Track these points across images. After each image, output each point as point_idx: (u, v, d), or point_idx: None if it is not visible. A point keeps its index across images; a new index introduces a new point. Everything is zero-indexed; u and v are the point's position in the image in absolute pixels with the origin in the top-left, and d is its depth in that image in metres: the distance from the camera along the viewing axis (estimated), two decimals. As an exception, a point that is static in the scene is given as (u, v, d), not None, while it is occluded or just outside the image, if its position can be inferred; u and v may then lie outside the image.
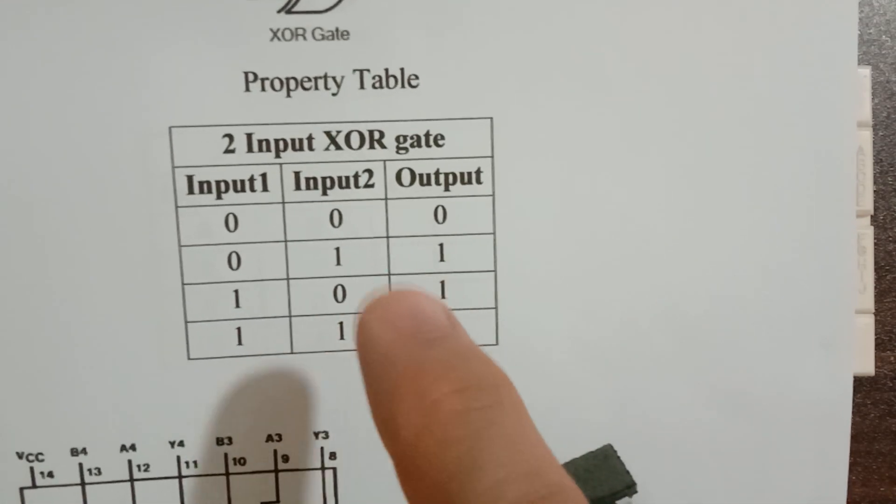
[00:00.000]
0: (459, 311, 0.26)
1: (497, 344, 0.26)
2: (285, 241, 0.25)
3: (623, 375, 0.27)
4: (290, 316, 0.26)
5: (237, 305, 0.26)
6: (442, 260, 0.26)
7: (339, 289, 0.26)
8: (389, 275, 0.26)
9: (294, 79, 0.25)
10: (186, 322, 0.25)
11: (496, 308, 0.26)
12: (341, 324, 0.26)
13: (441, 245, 0.26)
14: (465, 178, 0.25)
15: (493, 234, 0.26)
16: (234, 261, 0.25)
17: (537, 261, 0.26)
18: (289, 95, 0.25)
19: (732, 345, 0.27)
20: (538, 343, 0.26)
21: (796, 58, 0.25)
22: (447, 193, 0.25)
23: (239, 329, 0.26)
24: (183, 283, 0.25)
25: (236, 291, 0.25)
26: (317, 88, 0.25)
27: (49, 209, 0.24)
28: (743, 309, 0.26)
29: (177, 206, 0.25)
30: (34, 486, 0.26)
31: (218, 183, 0.25)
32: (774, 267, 0.26)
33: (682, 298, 0.26)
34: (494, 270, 0.26)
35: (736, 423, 0.27)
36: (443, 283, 0.26)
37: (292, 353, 0.26)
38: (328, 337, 0.26)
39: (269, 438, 0.26)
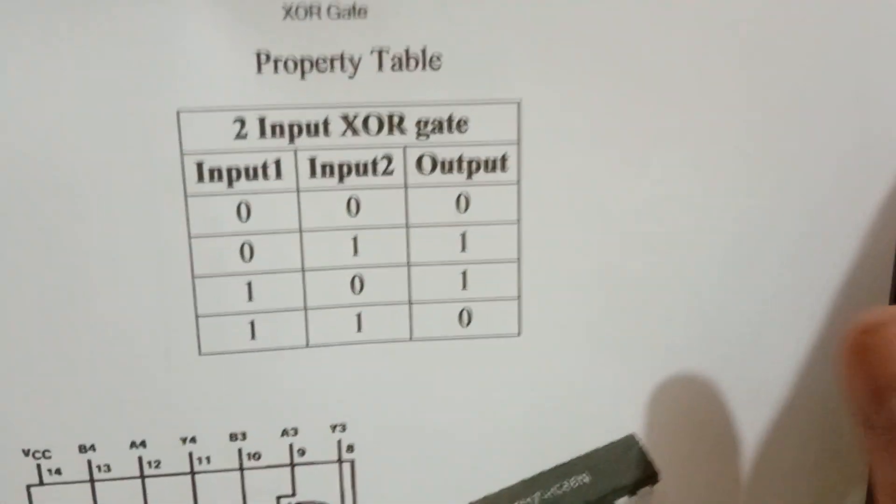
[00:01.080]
0: (481, 302, 0.25)
1: (519, 335, 0.25)
2: (300, 230, 0.24)
3: (646, 368, 0.26)
4: (305, 308, 0.25)
5: (250, 298, 0.24)
6: (464, 250, 0.25)
7: (357, 280, 0.25)
8: (409, 265, 0.25)
9: (308, 59, 0.23)
10: (197, 316, 0.24)
11: (519, 298, 0.25)
12: (359, 315, 0.25)
13: (463, 234, 0.24)
14: (490, 166, 0.24)
15: (518, 223, 0.24)
16: (246, 252, 0.24)
17: (563, 251, 0.25)
18: (303, 77, 0.23)
19: (756, 339, 0.26)
20: (561, 334, 0.25)
21: (846, 49, 0.24)
22: (470, 181, 0.24)
23: (252, 322, 0.25)
24: (193, 276, 0.24)
25: (249, 283, 0.24)
26: (332, 70, 0.23)
27: (51, 201, 0.23)
28: (767, 303, 0.26)
29: (186, 195, 0.24)
30: (42, 483, 0.25)
31: (229, 170, 0.24)
32: (802, 263, 0.25)
33: (708, 293, 0.25)
34: (518, 260, 0.25)
35: (757, 417, 0.26)
36: (465, 273, 0.25)
37: (308, 346, 0.25)
38: (345, 329, 0.25)
39: (285, 433, 0.25)
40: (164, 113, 0.23)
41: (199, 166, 0.23)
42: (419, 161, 0.24)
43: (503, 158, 0.24)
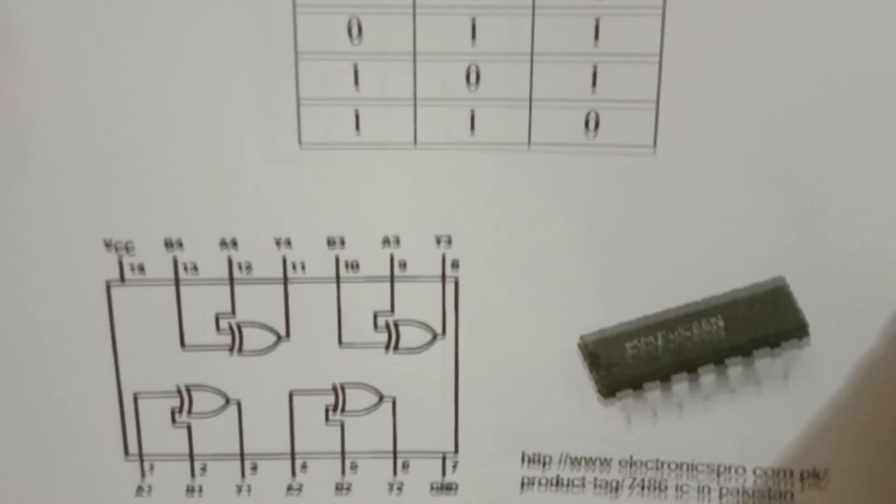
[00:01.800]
0: (612, 105, 0.22)
1: (655, 147, 0.22)
2: (413, 6, 0.22)
3: (798, 196, 0.22)
4: (414, 99, 0.22)
5: (356, 84, 0.22)
6: (595, 39, 0.22)
7: (473, 69, 0.22)
8: (532, 55, 0.22)
9: None
10: (299, 101, 0.22)
11: (658, 103, 0.22)
12: (473, 112, 0.22)
13: (596, 22, 0.21)
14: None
15: (663, 7, 0.21)
16: (354, 29, 0.22)
17: (714, 43, 0.22)
18: None
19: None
20: (705, 151, 0.22)
21: None
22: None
23: (357, 112, 0.22)
24: (296, 55, 0.22)
25: (356, 66, 0.22)
26: None
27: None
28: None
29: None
30: (123, 280, 0.23)
31: (338, -64, 0.21)
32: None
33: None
34: (661, 54, 0.22)
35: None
36: (595, 68, 0.22)
37: (416, 144, 0.22)
38: (457, 127, 0.22)
39: (386, 242, 0.23)
40: None
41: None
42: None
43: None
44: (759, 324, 0.23)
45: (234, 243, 0.23)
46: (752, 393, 0.24)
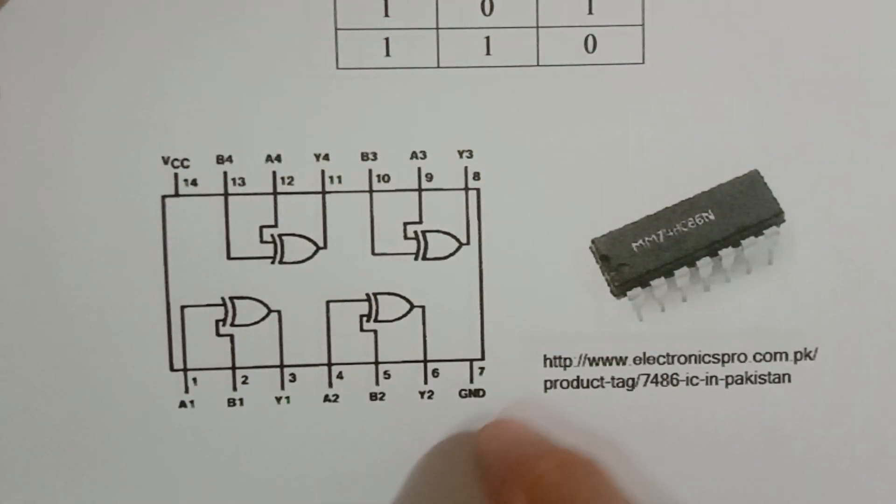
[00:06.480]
0: (606, 28, 0.26)
1: (643, 63, 0.26)
2: (435, -48, 0.26)
3: (770, 99, 0.26)
4: (437, 28, 0.26)
5: (386, 14, 0.26)
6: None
7: (487, 1, 0.26)
8: (538, -14, 0.26)
9: None
10: (336, 29, 0.25)
11: (643, 26, 0.26)
12: (487, 38, 0.26)
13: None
14: None
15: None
16: (384, -32, 0.26)
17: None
18: None
19: (881, 67, 0.26)
20: (686, 64, 0.26)
21: None
22: None
23: (387, 39, 0.26)
24: (334, -11, 0.25)
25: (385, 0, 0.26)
26: None
27: None
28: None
29: None
30: (177, 194, 0.25)
31: None
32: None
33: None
34: (642, -18, 0.26)
35: (884, 149, 0.26)
36: (590, -4, 0.26)
37: (439, 67, 0.26)
38: (474, 52, 0.26)
39: (413, 156, 0.26)
40: None
41: None
42: None
43: None
44: (742, 213, 0.26)
45: (279, 158, 0.26)
46: (745, 281, 0.26)
